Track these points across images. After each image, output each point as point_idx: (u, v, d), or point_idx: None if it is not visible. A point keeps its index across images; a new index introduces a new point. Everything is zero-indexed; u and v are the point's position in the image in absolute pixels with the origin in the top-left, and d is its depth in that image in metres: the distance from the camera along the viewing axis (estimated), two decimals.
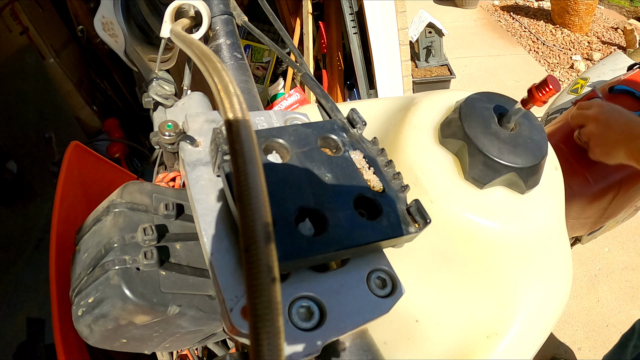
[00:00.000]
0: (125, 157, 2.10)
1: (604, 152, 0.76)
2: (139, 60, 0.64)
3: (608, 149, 0.75)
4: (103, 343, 0.38)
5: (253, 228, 0.18)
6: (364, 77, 1.82)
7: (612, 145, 0.74)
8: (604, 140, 0.75)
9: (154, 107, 0.62)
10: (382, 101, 0.58)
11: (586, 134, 0.78)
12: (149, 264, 0.36)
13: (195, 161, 0.32)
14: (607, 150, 0.75)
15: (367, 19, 1.66)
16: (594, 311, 1.91)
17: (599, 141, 0.76)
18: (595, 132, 0.76)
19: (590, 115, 0.77)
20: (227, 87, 0.25)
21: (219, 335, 0.45)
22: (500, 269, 0.44)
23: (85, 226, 0.41)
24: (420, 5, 3.59)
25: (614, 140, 0.73)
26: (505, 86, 3.32)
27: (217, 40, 0.53)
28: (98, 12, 0.60)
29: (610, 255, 2.15)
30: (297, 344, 0.25)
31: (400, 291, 0.28)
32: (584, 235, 1.06)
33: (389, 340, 0.45)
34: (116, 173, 0.97)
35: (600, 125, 0.75)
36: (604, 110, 0.76)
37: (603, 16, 4.32)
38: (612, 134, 0.73)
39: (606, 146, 0.75)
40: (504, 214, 0.42)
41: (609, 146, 0.74)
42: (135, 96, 2.22)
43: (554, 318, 0.45)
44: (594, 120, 0.76)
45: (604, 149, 0.75)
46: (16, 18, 1.84)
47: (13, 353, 1.30)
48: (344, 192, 0.29)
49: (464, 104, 0.44)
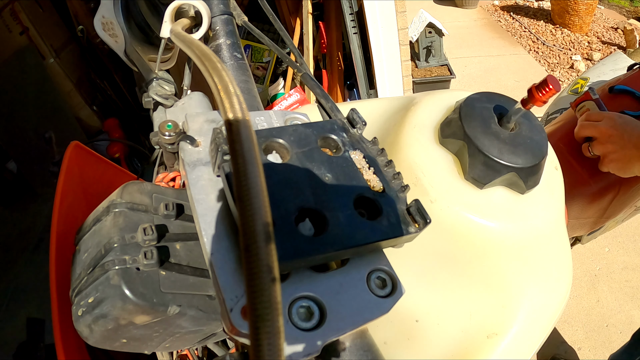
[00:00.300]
0: (125, 157, 2.10)
1: (620, 167, 0.74)
2: (139, 60, 0.65)
3: (624, 164, 0.73)
4: (103, 343, 0.38)
5: (253, 228, 0.18)
6: (364, 77, 1.82)
7: (629, 160, 0.72)
8: (620, 156, 0.73)
9: (154, 107, 0.62)
10: (382, 101, 0.58)
11: (599, 149, 0.76)
12: (149, 264, 0.36)
13: (195, 161, 0.32)
14: (623, 166, 0.74)
15: (367, 19, 1.66)
16: (594, 311, 1.91)
17: (615, 157, 0.74)
18: (611, 148, 0.74)
19: (603, 129, 0.75)
20: (227, 87, 0.25)
21: (219, 335, 0.45)
22: (500, 269, 0.44)
23: (85, 226, 0.41)
24: (420, 5, 3.59)
25: (631, 155, 0.72)
26: (505, 86, 3.32)
27: (217, 40, 0.53)
28: (98, 12, 0.60)
29: (610, 255, 2.15)
30: (297, 344, 0.25)
31: (400, 291, 0.28)
32: (584, 235, 1.06)
33: (389, 340, 0.45)
34: (116, 173, 0.97)
35: (615, 140, 0.73)
36: (616, 123, 0.74)
37: (603, 16, 4.32)
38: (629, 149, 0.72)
39: (623, 161, 0.73)
40: (504, 214, 0.42)
41: (625, 161, 0.73)
42: (135, 96, 2.22)
43: (554, 318, 0.45)
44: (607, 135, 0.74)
45: (620, 164, 0.74)
46: (16, 18, 1.84)
47: (13, 353, 1.30)
48: (344, 192, 0.29)
49: (464, 104, 0.44)
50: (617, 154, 0.74)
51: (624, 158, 0.73)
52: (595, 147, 0.77)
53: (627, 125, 0.74)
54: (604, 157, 0.77)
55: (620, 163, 0.74)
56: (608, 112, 0.78)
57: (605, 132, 0.75)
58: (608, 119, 0.76)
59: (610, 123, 0.75)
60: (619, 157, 0.74)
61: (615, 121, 0.75)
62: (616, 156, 0.74)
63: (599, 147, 0.77)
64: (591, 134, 0.78)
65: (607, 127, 0.75)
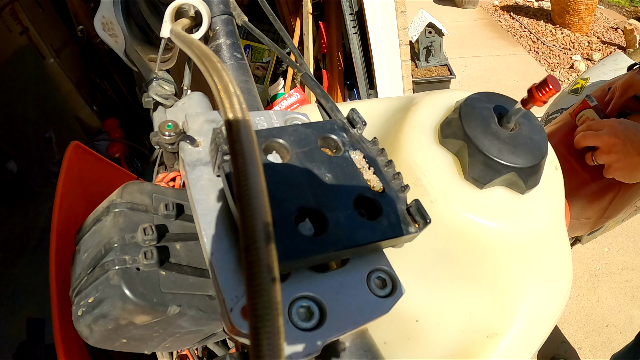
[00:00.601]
0: (125, 157, 2.10)
1: (626, 174, 0.74)
2: (139, 60, 0.65)
3: (630, 171, 0.73)
4: (103, 343, 0.38)
5: (253, 228, 0.18)
6: (364, 77, 1.82)
7: (635, 167, 0.72)
8: (625, 164, 0.73)
9: (154, 107, 0.62)
10: (382, 101, 0.58)
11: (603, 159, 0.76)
12: (149, 264, 0.36)
13: (195, 161, 0.32)
14: (629, 173, 0.74)
15: (367, 19, 1.66)
16: (594, 311, 1.91)
17: (620, 165, 0.74)
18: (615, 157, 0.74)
19: (606, 139, 0.75)
20: (227, 87, 0.25)
21: (219, 335, 0.45)
22: (500, 269, 0.44)
23: (85, 226, 0.41)
24: (420, 5, 3.60)
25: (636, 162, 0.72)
26: (505, 86, 3.32)
27: (217, 40, 0.53)
28: (98, 12, 0.60)
29: (610, 255, 2.15)
30: (297, 344, 0.25)
31: (400, 291, 0.28)
32: (584, 235, 1.06)
33: (389, 340, 0.45)
34: (116, 173, 0.97)
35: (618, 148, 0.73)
36: (618, 131, 0.74)
37: (603, 16, 4.32)
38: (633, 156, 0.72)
39: (628, 169, 0.73)
40: (504, 214, 0.42)
41: (631, 169, 0.73)
42: (135, 96, 2.22)
43: (554, 318, 0.45)
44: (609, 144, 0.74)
45: (626, 171, 0.74)
46: (16, 18, 1.84)
47: (13, 353, 1.30)
48: (344, 192, 0.29)
49: (464, 104, 0.44)
50: (622, 163, 0.74)
51: (629, 166, 0.73)
52: (599, 157, 0.77)
53: (628, 131, 0.73)
54: (608, 167, 0.76)
55: (626, 171, 0.74)
56: (608, 120, 0.78)
57: (608, 142, 0.75)
58: (609, 127, 0.75)
59: (611, 131, 0.75)
60: (623, 166, 0.74)
61: (617, 129, 0.74)
62: (621, 165, 0.74)
63: (602, 156, 0.76)
64: (593, 144, 0.78)
65: (609, 136, 0.74)
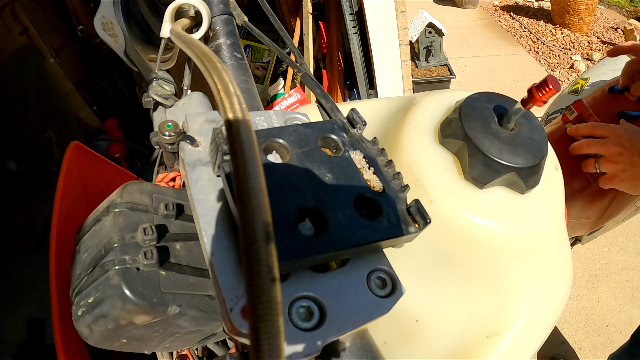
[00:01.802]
0: (125, 157, 2.10)
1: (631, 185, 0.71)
2: (139, 60, 0.64)
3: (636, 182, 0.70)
4: (103, 343, 0.38)
5: (253, 228, 0.18)
6: (364, 77, 1.82)
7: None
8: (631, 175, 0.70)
9: (154, 107, 0.62)
10: (382, 101, 0.58)
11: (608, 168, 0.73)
12: (149, 264, 0.36)
13: (195, 161, 0.32)
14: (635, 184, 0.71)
15: (367, 19, 1.66)
16: (594, 311, 1.91)
17: (626, 176, 0.71)
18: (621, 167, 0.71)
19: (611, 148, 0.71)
20: (227, 87, 0.25)
21: (219, 335, 0.45)
22: (500, 268, 0.44)
23: (85, 226, 0.41)
24: (420, 5, 3.60)
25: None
26: (505, 86, 3.32)
27: (217, 40, 0.53)
28: (98, 12, 0.60)
29: (610, 255, 2.15)
30: (297, 344, 0.25)
31: (400, 291, 0.28)
32: (584, 235, 1.06)
33: (389, 340, 0.45)
34: (116, 173, 0.97)
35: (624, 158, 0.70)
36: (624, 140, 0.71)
37: (603, 16, 4.32)
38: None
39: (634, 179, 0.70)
40: (504, 213, 0.42)
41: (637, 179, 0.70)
42: (135, 96, 2.22)
43: (554, 318, 0.45)
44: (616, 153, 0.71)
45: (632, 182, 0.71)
46: (16, 18, 1.83)
47: (13, 353, 1.30)
48: (344, 192, 0.29)
49: (464, 104, 0.44)
50: (628, 173, 0.70)
51: (635, 176, 0.70)
52: (604, 165, 0.74)
53: (635, 140, 0.70)
54: (613, 176, 0.73)
55: (632, 181, 0.71)
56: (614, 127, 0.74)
57: (613, 151, 0.71)
58: (615, 135, 0.72)
59: (617, 140, 0.71)
60: (629, 176, 0.70)
61: (623, 137, 0.71)
62: (627, 175, 0.71)
63: (607, 165, 0.73)
64: (598, 152, 0.74)
65: (615, 145, 0.71)
